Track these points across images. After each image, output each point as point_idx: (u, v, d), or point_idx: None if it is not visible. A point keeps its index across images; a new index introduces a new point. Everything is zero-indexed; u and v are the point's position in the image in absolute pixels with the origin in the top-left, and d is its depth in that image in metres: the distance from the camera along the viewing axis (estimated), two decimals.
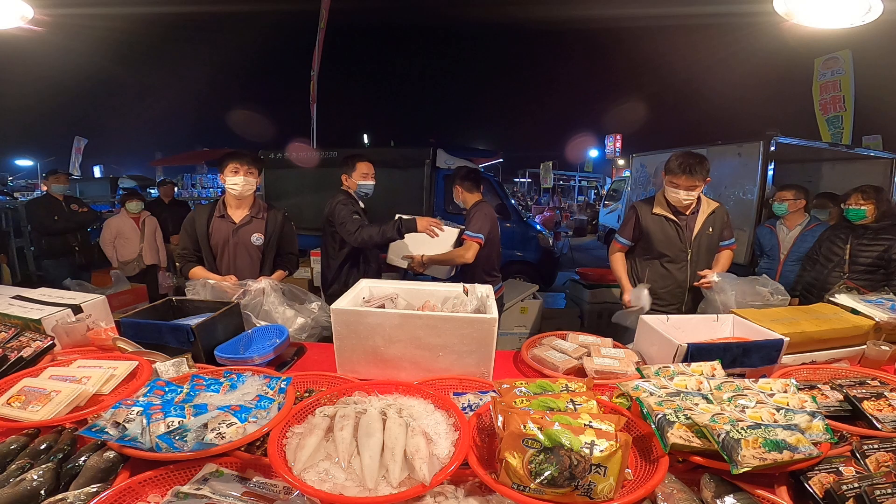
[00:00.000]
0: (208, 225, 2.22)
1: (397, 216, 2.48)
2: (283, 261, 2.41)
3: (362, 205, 2.61)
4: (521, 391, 1.18)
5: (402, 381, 1.30)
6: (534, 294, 4.39)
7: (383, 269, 3.03)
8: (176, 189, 6.75)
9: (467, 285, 1.78)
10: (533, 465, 0.86)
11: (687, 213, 2.40)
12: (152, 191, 11.47)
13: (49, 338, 1.54)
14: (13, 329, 1.57)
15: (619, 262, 2.50)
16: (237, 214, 2.25)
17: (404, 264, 2.71)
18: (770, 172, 4.81)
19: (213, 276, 2.17)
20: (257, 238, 2.25)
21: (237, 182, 2.17)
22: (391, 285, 1.89)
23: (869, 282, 2.47)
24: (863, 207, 2.51)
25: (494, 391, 1.26)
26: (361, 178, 2.63)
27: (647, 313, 2.20)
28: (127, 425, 1.02)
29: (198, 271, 2.19)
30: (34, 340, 1.51)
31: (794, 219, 3.34)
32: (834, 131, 7.22)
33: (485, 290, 1.74)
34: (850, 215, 2.56)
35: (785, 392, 1.14)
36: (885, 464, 0.98)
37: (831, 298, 1.89)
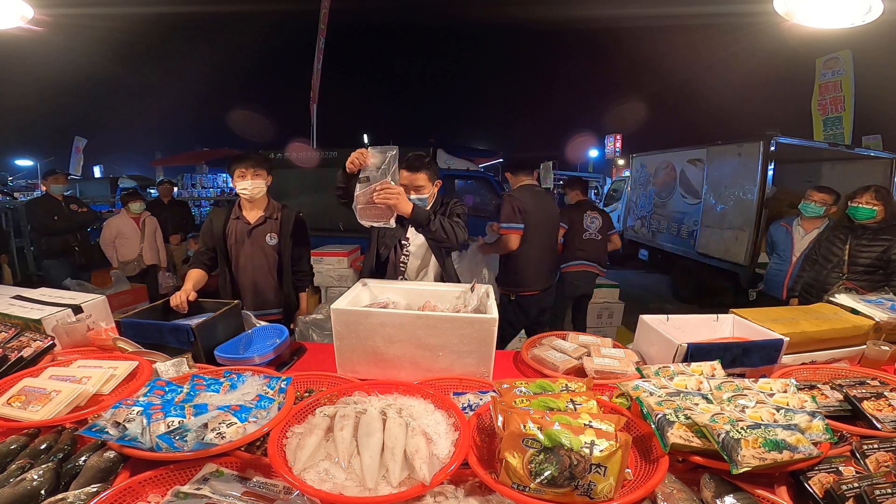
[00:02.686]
0: (225, 227, 2.25)
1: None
2: (298, 277, 2.38)
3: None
4: (521, 391, 1.18)
5: (402, 381, 1.30)
6: None
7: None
8: (176, 189, 6.76)
9: (475, 283, 1.78)
10: (533, 465, 0.86)
11: None
12: (152, 191, 11.47)
13: (49, 338, 1.54)
14: (13, 329, 1.57)
15: None
16: (252, 216, 2.27)
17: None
18: (770, 172, 4.82)
19: (188, 288, 1.97)
20: (271, 238, 2.27)
21: (245, 186, 2.18)
22: (392, 285, 1.89)
23: (868, 282, 2.47)
24: (875, 208, 2.48)
25: (494, 391, 1.26)
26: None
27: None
28: (127, 425, 1.02)
29: (192, 273, 2.14)
30: (34, 340, 1.51)
31: (814, 221, 3.20)
32: (834, 132, 7.22)
33: (485, 290, 1.74)
34: (860, 214, 2.51)
35: (785, 392, 1.14)
36: (885, 464, 0.98)
37: (831, 299, 1.89)
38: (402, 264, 2.16)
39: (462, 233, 1.96)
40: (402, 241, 2.16)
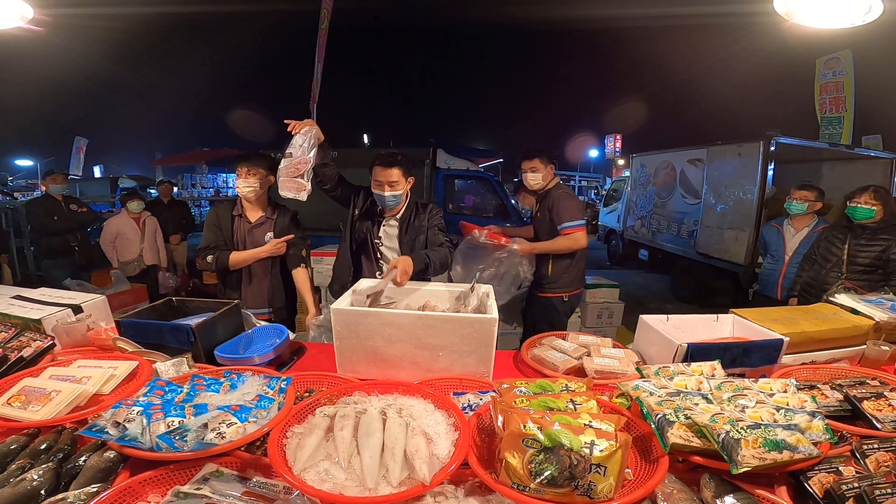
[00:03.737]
0: (231, 224, 2.30)
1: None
2: (292, 259, 2.38)
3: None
4: (521, 391, 1.18)
5: (402, 381, 1.30)
6: None
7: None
8: (175, 189, 6.76)
9: (474, 283, 1.78)
10: (533, 465, 0.86)
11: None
12: (152, 191, 11.47)
13: (49, 338, 1.54)
14: (13, 329, 1.57)
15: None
16: (253, 215, 2.33)
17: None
18: (770, 172, 4.82)
19: (257, 250, 2.23)
20: (269, 237, 2.32)
21: (239, 185, 2.25)
22: (392, 285, 1.89)
23: (867, 282, 2.47)
24: (873, 207, 2.49)
25: (494, 391, 1.26)
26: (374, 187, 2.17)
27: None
28: (127, 425, 1.02)
29: (238, 255, 2.23)
30: (34, 340, 1.51)
31: (803, 220, 3.24)
32: (833, 131, 7.23)
33: (485, 290, 1.74)
34: (858, 214, 2.53)
35: (785, 392, 1.14)
36: (885, 464, 0.98)
37: (830, 299, 1.89)
38: (379, 260, 2.23)
39: (446, 254, 2.09)
40: (374, 239, 2.22)
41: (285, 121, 1.98)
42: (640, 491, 0.87)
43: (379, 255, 2.23)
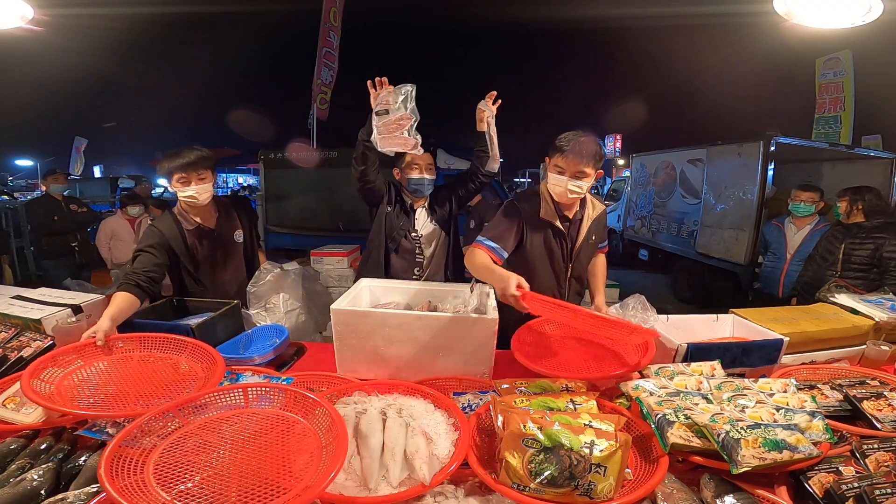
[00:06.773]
0: (185, 241, 1.97)
1: None
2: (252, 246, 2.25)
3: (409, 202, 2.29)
4: (521, 391, 1.18)
5: (402, 381, 1.30)
6: None
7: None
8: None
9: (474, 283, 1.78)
10: (533, 465, 0.86)
11: (571, 216, 1.85)
12: (159, 188, 11.48)
13: (49, 338, 1.54)
14: (13, 329, 1.57)
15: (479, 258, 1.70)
16: (208, 219, 2.05)
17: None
18: (770, 172, 4.82)
19: (104, 326, 1.42)
20: (239, 235, 2.16)
21: (191, 193, 1.89)
22: (392, 284, 1.89)
23: (863, 281, 2.49)
24: (838, 205, 2.71)
25: (494, 391, 1.26)
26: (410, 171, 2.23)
27: None
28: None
29: (117, 298, 1.63)
30: (34, 340, 1.51)
31: (804, 218, 3.31)
32: (831, 131, 7.23)
33: (486, 290, 1.74)
34: (835, 213, 2.79)
35: (785, 392, 1.14)
36: (885, 463, 0.98)
37: (830, 298, 1.89)
38: (418, 255, 2.26)
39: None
40: (412, 233, 2.24)
41: (373, 80, 1.88)
42: (640, 491, 0.87)
43: (417, 251, 2.28)
